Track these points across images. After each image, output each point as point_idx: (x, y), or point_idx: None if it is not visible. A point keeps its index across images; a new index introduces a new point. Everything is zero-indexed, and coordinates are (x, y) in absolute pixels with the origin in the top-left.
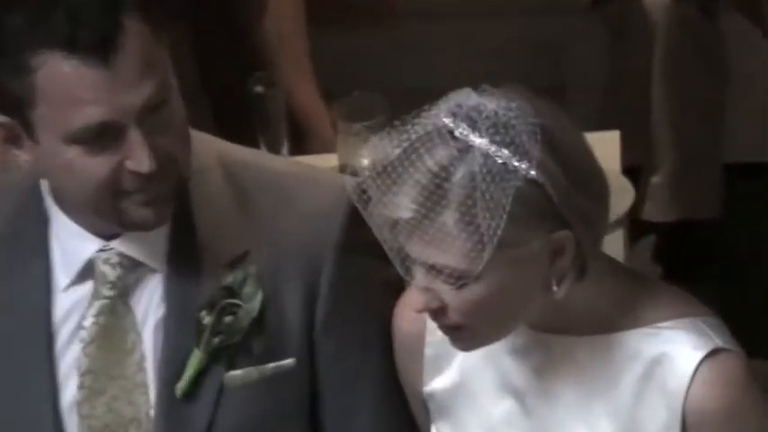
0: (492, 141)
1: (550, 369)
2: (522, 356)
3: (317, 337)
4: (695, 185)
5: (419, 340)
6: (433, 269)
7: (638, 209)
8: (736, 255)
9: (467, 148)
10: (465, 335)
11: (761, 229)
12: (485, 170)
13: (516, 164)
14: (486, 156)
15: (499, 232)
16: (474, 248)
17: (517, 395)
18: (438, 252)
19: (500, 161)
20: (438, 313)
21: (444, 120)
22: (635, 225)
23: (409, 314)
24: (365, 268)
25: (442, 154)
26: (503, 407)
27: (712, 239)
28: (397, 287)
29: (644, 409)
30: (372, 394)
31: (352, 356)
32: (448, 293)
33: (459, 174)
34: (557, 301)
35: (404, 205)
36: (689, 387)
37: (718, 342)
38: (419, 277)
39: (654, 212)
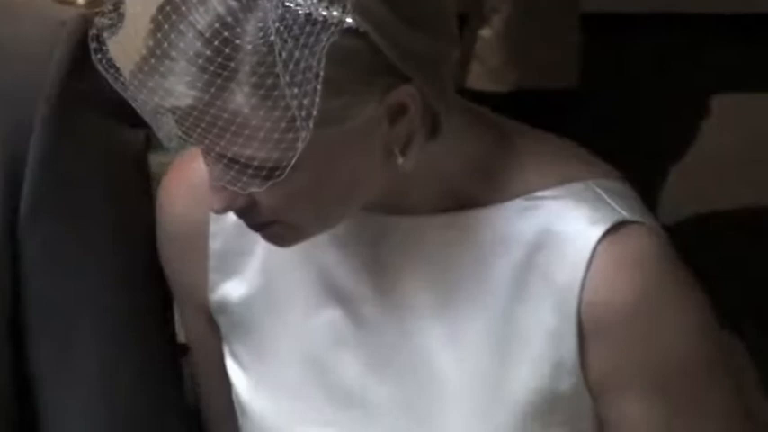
0: None
1: (391, 262)
2: (352, 247)
3: (21, 234)
4: (541, 42)
5: (200, 229)
6: (233, 163)
7: (461, 74)
8: (594, 137)
9: None
10: (283, 232)
11: (627, 104)
12: (282, 26)
13: (324, 12)
14: (281, 4)
15: (315, 110)
16: (284, 133)
17: (344, 300)
18: (237, 143)
19: (301, 11)
20: (246, 211)
21: None
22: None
23: (184, 191)
24: (93, 129)
25: (217, 8)
26: (324, 317)
27: (563, 117)
28: (142, 155)
29: (524, 310)
30: (102, 323)
31: (72, 267)
32: (261, 195)
33: (246, 34)
34: (403, 174)
35: (178, 91)
36: (584, 277)
37: (623, 213)
38: (215, 172)
39: (483, 79)
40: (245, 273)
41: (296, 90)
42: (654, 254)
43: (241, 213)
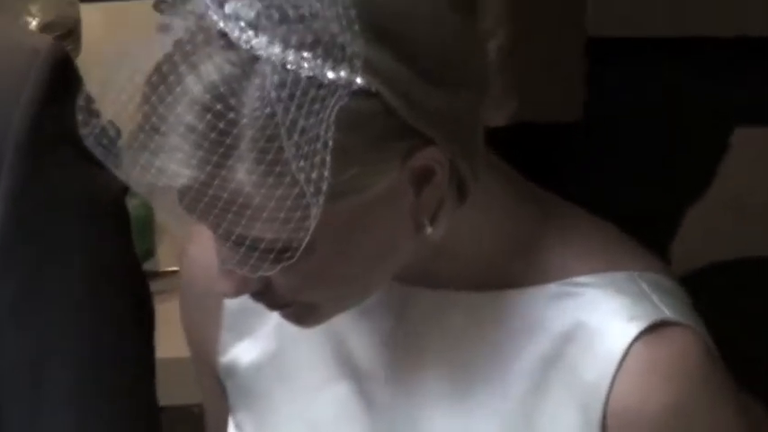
0: (286, 44)
1: (410, 341)
2: (372, 317)
3: None
4: (542, 70)
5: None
6: (239, 244)
7: None
8: (598, 176)
9: (251, 60)
10: (301, 312)
11: (638, 138)
12: (283, 92)
13: (330, 74)
14: (282, 68)
15: (324, 184)
16: (291, 212)
17: (356, 376)
18: (240, 224)
19: (305, 74)
20: (263, 294)
21: (212, 16)
22: None
23: (206, 243)
24: (67, 174)
25: (210, 76)
26: (333, 391)
27: (566, 153)
28: (120, 200)
29: (545, 404)
30: (74, 378)
31: (41, 324)
32: (274, 277)
33: (244, 105)
34: (433, 244)
35: (171, 170)
36: (615, 377)
37: (665, 311)
38: (222, 253)
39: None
40: (258, 335)
41: (302, 163)
42: (694, 361)
43: (255, 296)
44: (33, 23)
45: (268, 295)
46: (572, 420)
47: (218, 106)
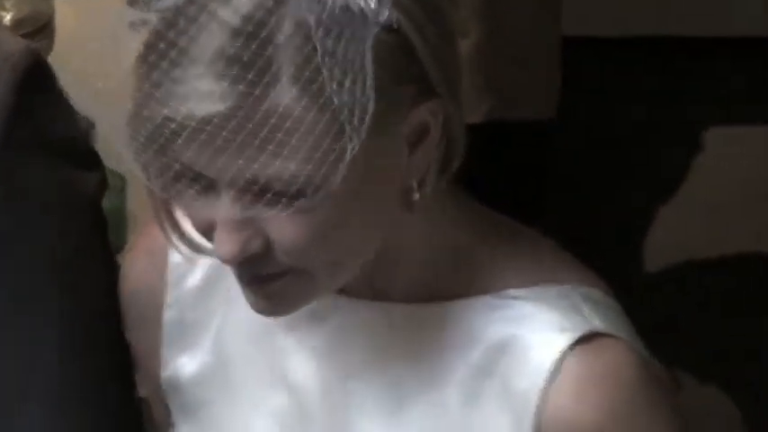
0: None
1: (344, 354)
2: (308, 330)
3: None
4: (515, 69)
5: (156, 298)
6: (253, 187)
7: None
8: (572, 174)
9: None
10: (292, 285)
11: (611, 137)
12: (322, 16)
13: (362, 3)
14: None
15: (371, 107)
16: (330, 140)
17: (292, 390)
18: (267, 156)
19: (339, 3)
20: (257, 258)
21: None
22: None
23: (143, 257)
24: (40, 179)
25: (244, 3)
26: (271, 405)
27: (538, 152)
28: (96, 203)
29: (480, 416)
30: (50, 396)
31: (13, 338)
32: (275, 224)
33: (283, 27)
34: (375, 253)
35: (204, 92)
36: (546, 389)
37: (596, 323)
38: (226, 207)
39: None
40: (197, 349)
41: (347, 81)
42: (625, 372)
43: (251, 261)
44: (7, 18)
45: (264, 260)
46: (503, 428)
47: (252, 28)
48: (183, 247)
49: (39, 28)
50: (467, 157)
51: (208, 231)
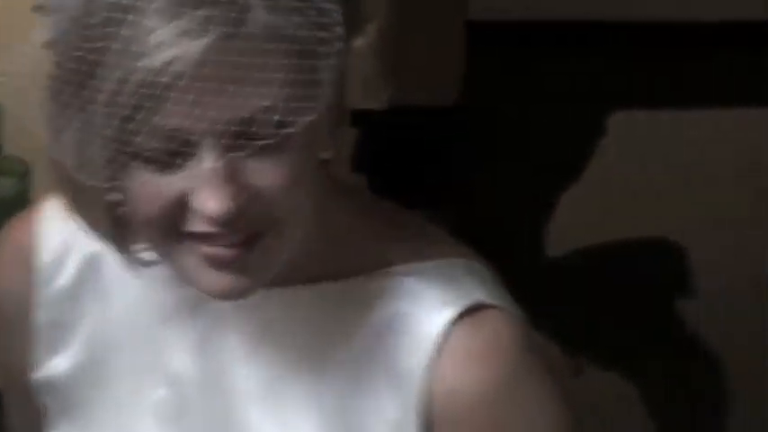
0: None
1: (224, 341)
2: (186, 322)
3: None
4: (421, 54)
5: (24, 299)
6: (241, 132)
7: None
8: (474, 160)
9: None
10: (268, 245)
11: (516, 122)
12: None
13: None
14: None
15: (338, 18)
16: (310, 58)
17: (172, 381)
18: (254, 87)
19: None
20: (240, 214)
21: None
22: None
23: (9, 255)
24: None
25: None
26: (151, 398)
27: (444, 137)
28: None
29: (365, 396)
30: None
31: None
32: (258, 172)
33: None
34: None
35: (183, 33)
36: (431, 362)
37: (479, 295)
38: (210, 160)
39: (356, 95)
40: (71, 347)
41: (315, 13)
42: (509, 342)
43: (233, 220)
44: None
45: (245, 218)
46: (391, 411)
47: None
48: (130, 259)
49: None
50: (369, 142)
51: (172, 212)
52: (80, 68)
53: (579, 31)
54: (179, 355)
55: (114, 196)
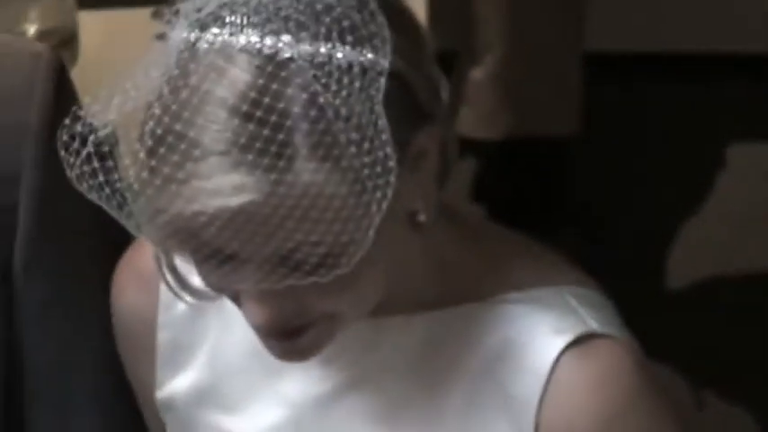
0: (315, 38)
1: (340, 367)
2: None
3: (16, 289)
4: (538, 84)
5: (149, 321)
6: (286, 260)
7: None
8: (597, 192)
9: (281, 63)
10: (323, 330)
11: (630, 152)
12: (325, 84)
13: (362, 58)
14: (314, 59)
15: (392, 160)
16: (355, 200)
17: (289, 404)
18: (298, 233)
19: (338, 63)
20: (284, 324)
21: (191, 34)
22: None
23: (133, 282)
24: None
25: (242, 76)
26: (268, 419)
27: (561, 168)
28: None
29: (478, 423)
30: (99, 389)
31: (69, 329)
32: (309, 289)
33: (291, 102)
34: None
35: (222, 186)
36: (544, 391)
37: (593, 324)
38: (252, 283)
39: (475, 125)
40: (192, 369)
41: (366, 145)
42: (622, 373)
43: (280, 319)
44: (32, 30)
45: (295, 315)
46: None
47: (260, 113)
48: (189, 298)
49: (62, 41)
50: (488, 172)
51: (231, 298)
52: (139, 168)
53: (696, 62)
54: (296, 378)
55: None
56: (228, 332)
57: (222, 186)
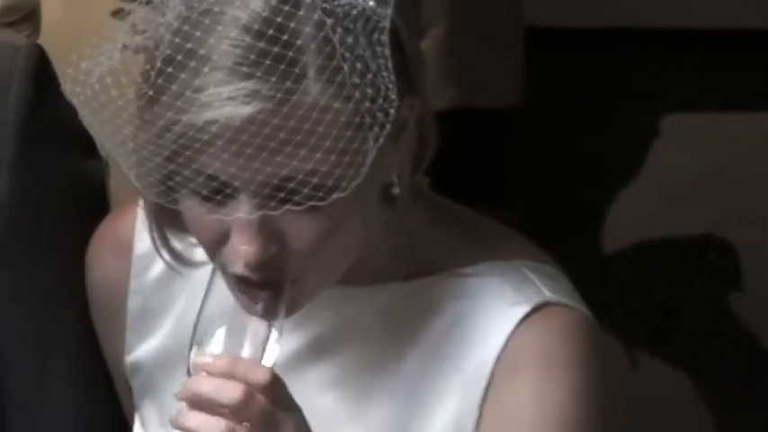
0: None
1: (302, 331)
2: None
3: None
4: (482, 57)
5: (120, 287)
6: (281, 187)
7: None
8: (540, 161)
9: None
10: (289, 296)
11: (574, 124)
12: (339, 17)
13: (372, 3)
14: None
15: (393, 95)
16: (353, 132)
17: None
18: (298, 154)
19: (351, 4)
20: (267, 266)
21: None
22: None
23: (107, 247)
24: (58, 164)
25: (258, 6)
26: None
27: (505, 137)
28: (103, 188)
29: (433, 392)
30: (74, 367)
31: (39, 312)
32: (294, 224)
33: (301, 27)
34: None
35: (236, 93)
36: (497, 363)
37: (548, 294)
38: (249, 210)
39: None
40: (160, 334)
41: (369, 76)
42: (577, 340)
43: (265, 267)
44: None
45: (274, 267)
46: (454, 408)
47: (273, 32)
48: (173, 262)
49: (24, 17)
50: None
51: (216, 241)
52: (145, 93)
53: (633, 35)
54: None
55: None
56: (196, 302)
57: (236, 93)
